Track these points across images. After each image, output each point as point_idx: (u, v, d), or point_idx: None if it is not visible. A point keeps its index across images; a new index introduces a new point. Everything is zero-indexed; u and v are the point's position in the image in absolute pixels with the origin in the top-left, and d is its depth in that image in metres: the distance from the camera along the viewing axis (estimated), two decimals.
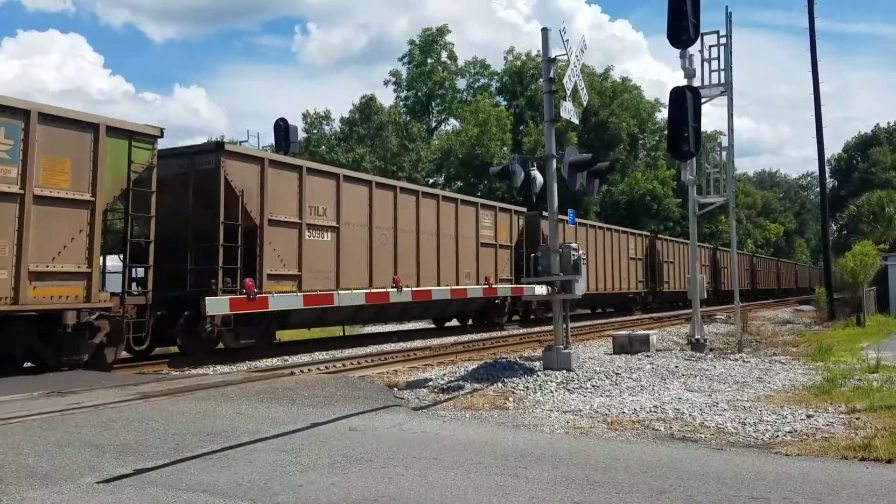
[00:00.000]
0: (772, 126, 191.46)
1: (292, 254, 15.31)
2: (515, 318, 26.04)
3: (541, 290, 11.37)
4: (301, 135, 46.69)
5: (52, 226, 11.19)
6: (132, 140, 12.27)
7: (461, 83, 62.88)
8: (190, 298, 12.74)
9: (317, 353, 15.65)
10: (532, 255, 12.48)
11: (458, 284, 20.48)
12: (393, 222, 18.41)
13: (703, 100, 14.30)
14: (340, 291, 15.11)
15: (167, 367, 13.18)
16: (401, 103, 60.16)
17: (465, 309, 23.21)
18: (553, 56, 11.78)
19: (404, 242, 18.80)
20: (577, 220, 27.08)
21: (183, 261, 13.85)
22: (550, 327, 21.91)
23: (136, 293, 12.76)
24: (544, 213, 25.59)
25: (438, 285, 19.46)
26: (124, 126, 12.32)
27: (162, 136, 12.87)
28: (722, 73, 15.74)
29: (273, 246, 14.77)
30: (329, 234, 16.36)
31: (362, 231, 17.41)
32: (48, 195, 11.16)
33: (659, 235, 39.21)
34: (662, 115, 59.81)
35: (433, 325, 24.62)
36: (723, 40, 15.81)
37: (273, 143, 24.37)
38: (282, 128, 23.02)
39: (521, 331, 22.46)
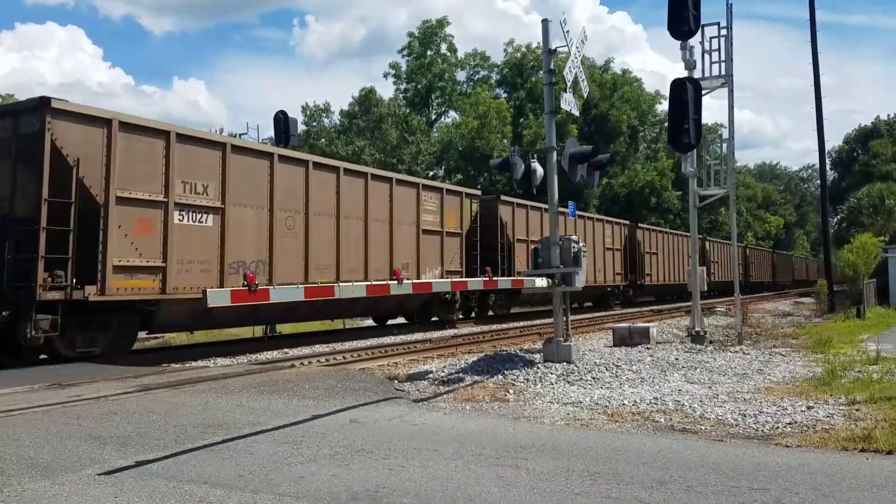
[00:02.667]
0: (772, 118, 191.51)
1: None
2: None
3: (541, 282, 11.37)
4: (301, 127, 46.73)
5: None
6: None
7: (461, 75, 62.88)
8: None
9: (317, 346, 15.65)
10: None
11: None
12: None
13: (703, 91, 14.27)
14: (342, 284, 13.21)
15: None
16: (400, 96, 60.10)
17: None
18: (553, 48, 11.75)
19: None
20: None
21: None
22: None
23: None
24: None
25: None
26: None
27: None
28: (722, 65, 15.70)
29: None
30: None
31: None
32: None
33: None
34: (663, 107, 59.85)
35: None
36: (723, 32, 15.76)
37: (273, 135, 24.34)
38: (281, 120, 22.99)
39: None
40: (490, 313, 23.62)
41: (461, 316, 22.38)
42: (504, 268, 22.70)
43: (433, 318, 21.16)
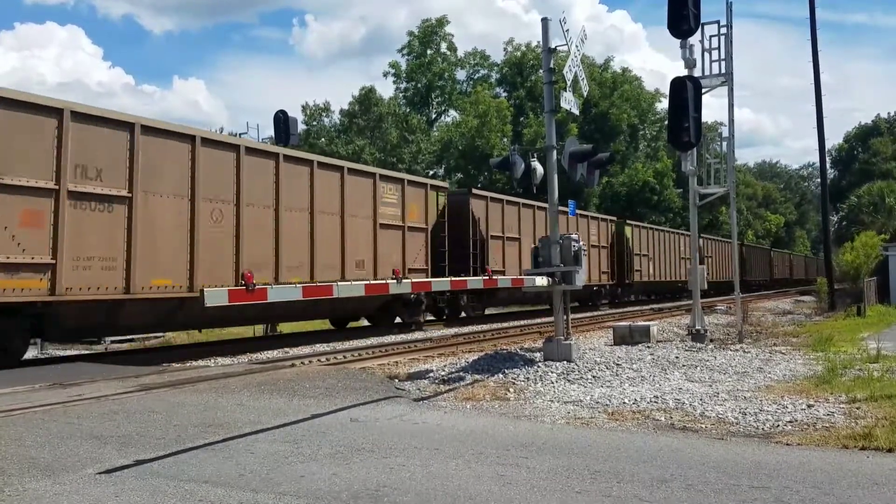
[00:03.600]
0: (772, 117, 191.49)
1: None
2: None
3: (541, 281, 11.37)
4: (301, 127, 46.70)
5: None
6: None
7: (461, 74, 62.92)
8: None
9: (318, 345, 15.64)
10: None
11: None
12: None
13: (703, 90, 14.27)
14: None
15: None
16: (400, 95, 60.11)
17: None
18: (553, 46, 11.73)
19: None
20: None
21: None
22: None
23: None
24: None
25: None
26: None
27: None
28: (722, 64, 15.68)
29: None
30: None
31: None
32: None
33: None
34: (663, 105, 59.84)
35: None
36: (723, 30, 15.73)
37: (273, 135, 24.33)
38: (281, 120, 22.98)
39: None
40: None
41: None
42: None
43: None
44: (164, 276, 12.84)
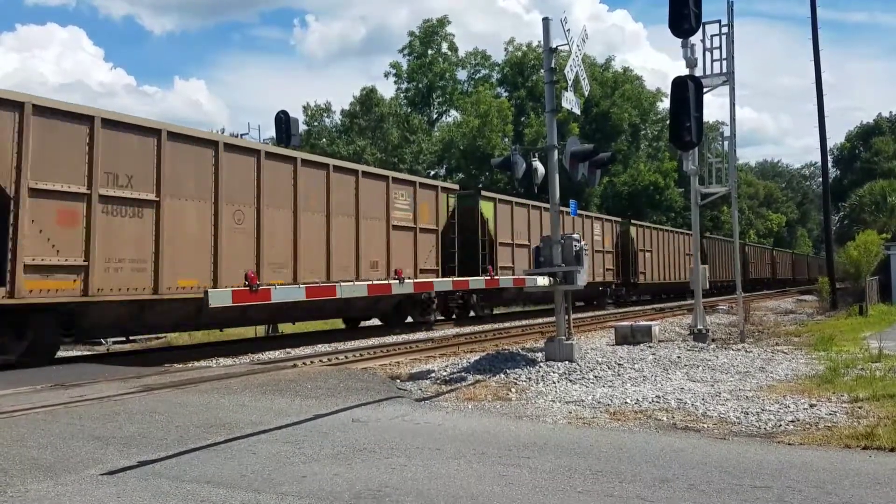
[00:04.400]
0: (774, 116, 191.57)
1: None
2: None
3: (543, 281, 11.37)
4: (302, 127, 46.69)
5: None
6: None
7: (462, 74, 62.89)
8: None
9: (319, 346, 15.65)
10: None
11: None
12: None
13: (704, 89, 14.26)
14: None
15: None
16: (401, 95, 60.10)
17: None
18: (554, 46, 11.73)
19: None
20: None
21: None
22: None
23: None
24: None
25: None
26: None
27: None
28: (724, 63, 15.66)
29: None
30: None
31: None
32: None
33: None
34: (664, 105, 59.75)
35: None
36: (724, 29, 15.72)
37: (274, 135, 24.35)
38: (283, 120, 22.99)
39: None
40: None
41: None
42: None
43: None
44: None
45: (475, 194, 22.92)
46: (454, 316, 22.54)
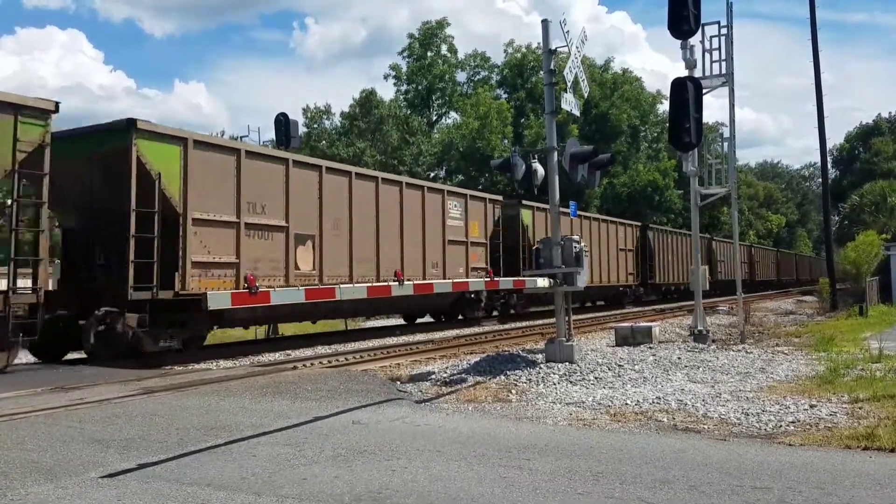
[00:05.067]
0: (773, 117, 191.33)
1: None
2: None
3: (543, 282, 11.37)
4: (301, 129, 46.70)
5: None
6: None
7: (461, 76, 62.86)
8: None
9: (319, 348, 15.66)
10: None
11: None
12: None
13: (704, 90, 14.27)
14: (343, 286, 13.47)
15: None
16: (401, 97, 60.08)
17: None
18: (554, 48, 11.74)
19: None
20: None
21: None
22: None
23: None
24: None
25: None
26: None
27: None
28: (723, 64, 15.67)
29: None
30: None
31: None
32: None
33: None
34: (663, 107, 59.74)
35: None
36: (723, 30, 15.73)
37: (274, 137, 24.35)
38: (282, 122, 22.97)
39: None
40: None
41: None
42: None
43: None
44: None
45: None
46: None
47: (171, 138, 12.92)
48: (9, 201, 11.32)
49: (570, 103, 11.78)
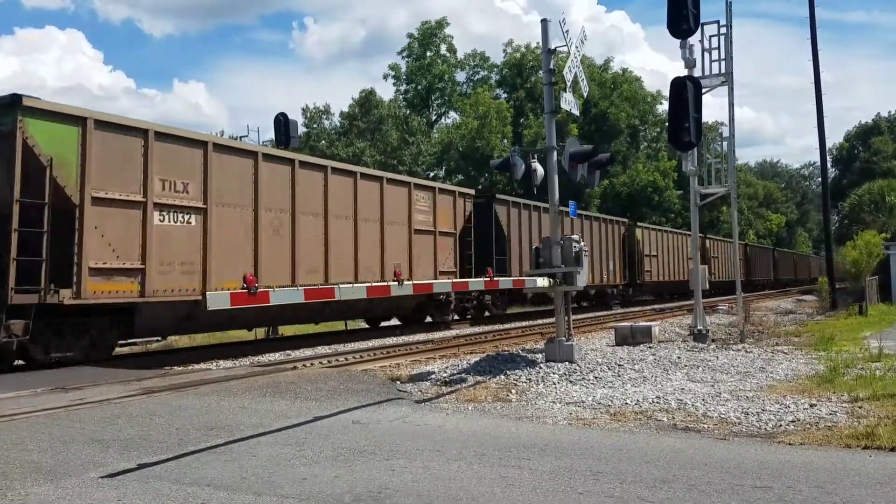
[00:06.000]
0: (773, 116, 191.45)
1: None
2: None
3: (542, 282, 11.37)
4: (301, 129, 46.71)
5: None
6: None
7: (461, 76, 62.90)
8: None
9: (319, 348, 15.65)
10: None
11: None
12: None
13: (703, 90, 14.27)
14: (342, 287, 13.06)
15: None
16: (400, 97, 60.11)
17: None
18: (553, 47, 11.74)
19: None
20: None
21: None
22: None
23: None
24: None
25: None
26: None
27: None
28: (722, 63, 15.68)
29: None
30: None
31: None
32: None
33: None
34: (663, 106, 59.72)
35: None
36: (723, 30, 15.74)
37: (273, 137, 24.33)
38: (282, 122, 22.95)
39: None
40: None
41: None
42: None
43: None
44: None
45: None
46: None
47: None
48: None
49: (569, 103, 11.78)
